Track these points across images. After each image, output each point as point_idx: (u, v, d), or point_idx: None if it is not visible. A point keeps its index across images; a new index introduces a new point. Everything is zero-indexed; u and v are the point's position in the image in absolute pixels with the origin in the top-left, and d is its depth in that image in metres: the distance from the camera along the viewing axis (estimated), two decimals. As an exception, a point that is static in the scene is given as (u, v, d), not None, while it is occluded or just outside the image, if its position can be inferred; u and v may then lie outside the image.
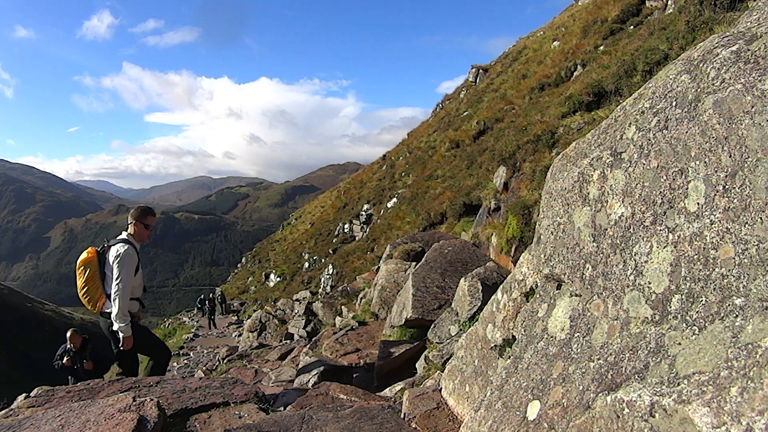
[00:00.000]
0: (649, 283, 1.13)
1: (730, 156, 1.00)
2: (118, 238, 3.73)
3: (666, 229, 1.12)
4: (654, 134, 1.22)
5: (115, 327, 3.55)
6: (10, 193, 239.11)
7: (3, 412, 2.55)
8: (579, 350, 1.30)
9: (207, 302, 20.99)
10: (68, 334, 6.65)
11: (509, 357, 1.70)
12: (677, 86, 1.20)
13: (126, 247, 3.58)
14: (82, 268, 3.68)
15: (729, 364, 0.87)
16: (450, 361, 2.54)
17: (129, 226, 3.76)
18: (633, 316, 1.16)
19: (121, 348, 3.61)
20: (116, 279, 3.52)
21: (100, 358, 6.67)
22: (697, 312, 1.00)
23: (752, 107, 0.98)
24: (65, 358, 6.50)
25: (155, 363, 3.97)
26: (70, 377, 6.46)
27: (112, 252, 3.59)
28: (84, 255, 3.73)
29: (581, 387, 1.20)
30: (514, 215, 5.42)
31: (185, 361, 14.00)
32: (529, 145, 6.54)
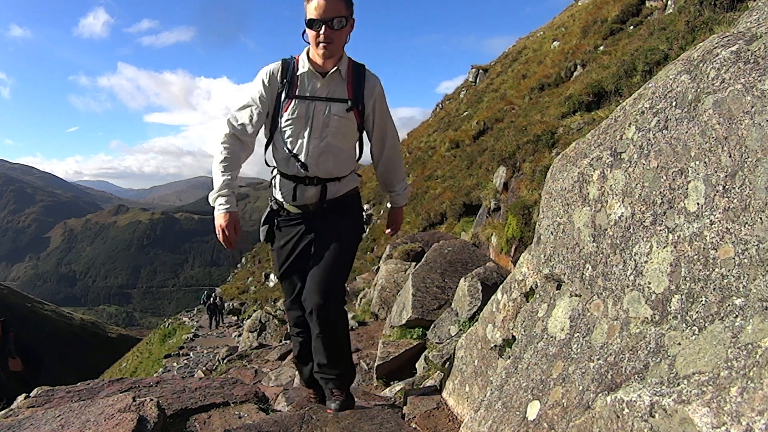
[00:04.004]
0: (649, 283, 1.13)
1: (730, 156, 1.01)
2: None
3: (666, 229, 1.12)
4: (654, 134, 1.22)
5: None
6: (9, 193, 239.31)
7: (3, 412, 2.55)
8: (579, 350, 1.30)
9: (210, 299, 20.90)
10: None
11: (509, 357, 1.70)
12: (677, 86, 1.20)
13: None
14: None
15: (729, 364, 0.87)
16: (450, 360, 2.54)
17: None
18: (633, 317, 1.16)
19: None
20: None
21: (29, 351, 4.60)
22: (697, 312, 1.00)
23: (752, 107, 0.98)
24: None
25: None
26: None
27: None
28: None
29: (581, 387, 1.20)
30: (513, 215, 5.42)
31: (185, 361, 14.01)
32: (529, 145, 6.54)
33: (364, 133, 2.23)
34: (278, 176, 2.17)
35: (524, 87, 14.03)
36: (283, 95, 2.05)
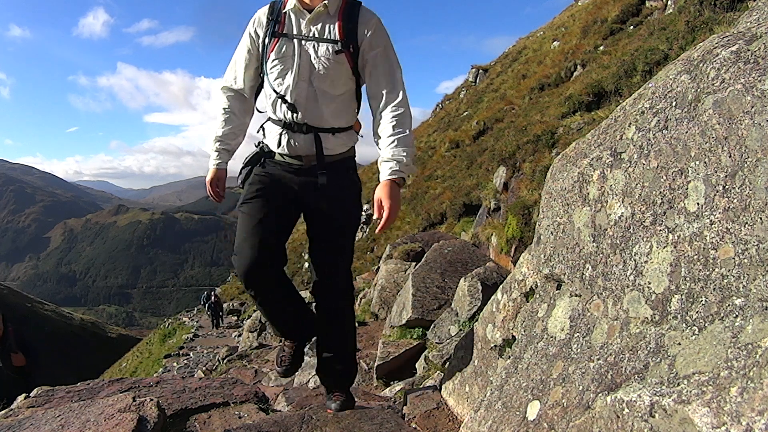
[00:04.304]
0: (649, 284, 1.13)
1: (730, 156, 1.00)
2: None
3: (666, 229, 1.12)
4: (654, 134, 1.22)
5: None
6: (9, 193, 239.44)
7: (3, 412, 2.55)
8: (579, 350, 1.30)
9: (211, 298, 20.80)
10: None
11: (509, 357, 1.70)
12: (677, 86, 1.20)
13: None
14: None
15: (729, 364, 0.87)
16: (450, 360, 2.54)
17: None
18: (633, 317, 1.16)
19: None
20: None
21: (28, 345, 4.41)
22: (696, 312, 1.00)
23: (752, 107, 0.98)
24: None
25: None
26: None
27: None
28: None
29: (581, 387, 1.20)
30: (513, 215, 5.42)
31: (185, 361, 14.01)
32: (529, 145, 6.54)
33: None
34: (268, 122, 1.99)
35: (524, 87, 14.04)
36: (269, 34, 1.88)
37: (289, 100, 1.87)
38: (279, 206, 1.94)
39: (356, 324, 2.55)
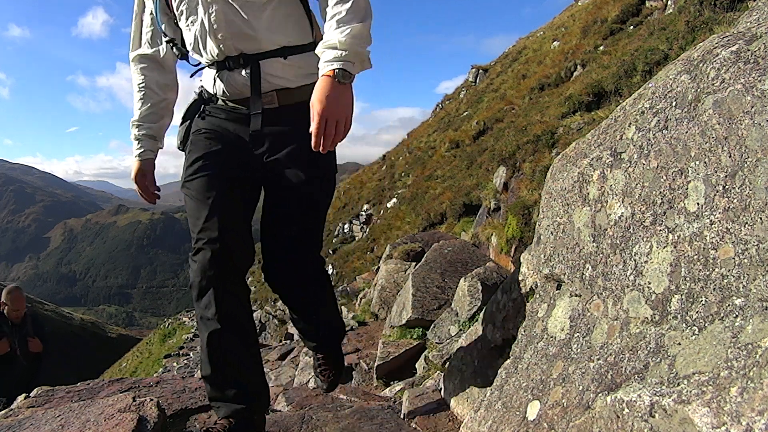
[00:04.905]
0: (649, 284, 1.13)
1: (730, 156, 1.00)
2: None
3: (666, 229, 1.12)
4: (654, 134, 1.22)
5: None
6: (9, 193, 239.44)
7: (3, 412, 2.55)
8: (579, 350, 1.30)
9: None
10: (4, 296, 3.94)
11: (509, 357, 1.70)
12: (677, 86, 1.20)
13: None
14: None
15: (729, 364, 0.87)
16: (450, 360, 2.54)
17: None
18: (633, 317, 1.16)
19: None
20: None
21: (42, 330, 4.29)
22: (696, 312, 1.00)
23: (752, 107, 0.98)
24: (1, 340, 3.89)
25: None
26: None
27: None
28: None
29: (581, 387, 1.20)
30: (513, 215, 5.42)
31: (185, 361, 14.01)
32: (529, 145, 6.53)
33: None
34: (204, 68, 1.60)
35: (524, 87, 14.03)
36: None
37: (200, 37, 1.46)
38: (234, 178, 1.51)
39: (350, 326, 2.34)
